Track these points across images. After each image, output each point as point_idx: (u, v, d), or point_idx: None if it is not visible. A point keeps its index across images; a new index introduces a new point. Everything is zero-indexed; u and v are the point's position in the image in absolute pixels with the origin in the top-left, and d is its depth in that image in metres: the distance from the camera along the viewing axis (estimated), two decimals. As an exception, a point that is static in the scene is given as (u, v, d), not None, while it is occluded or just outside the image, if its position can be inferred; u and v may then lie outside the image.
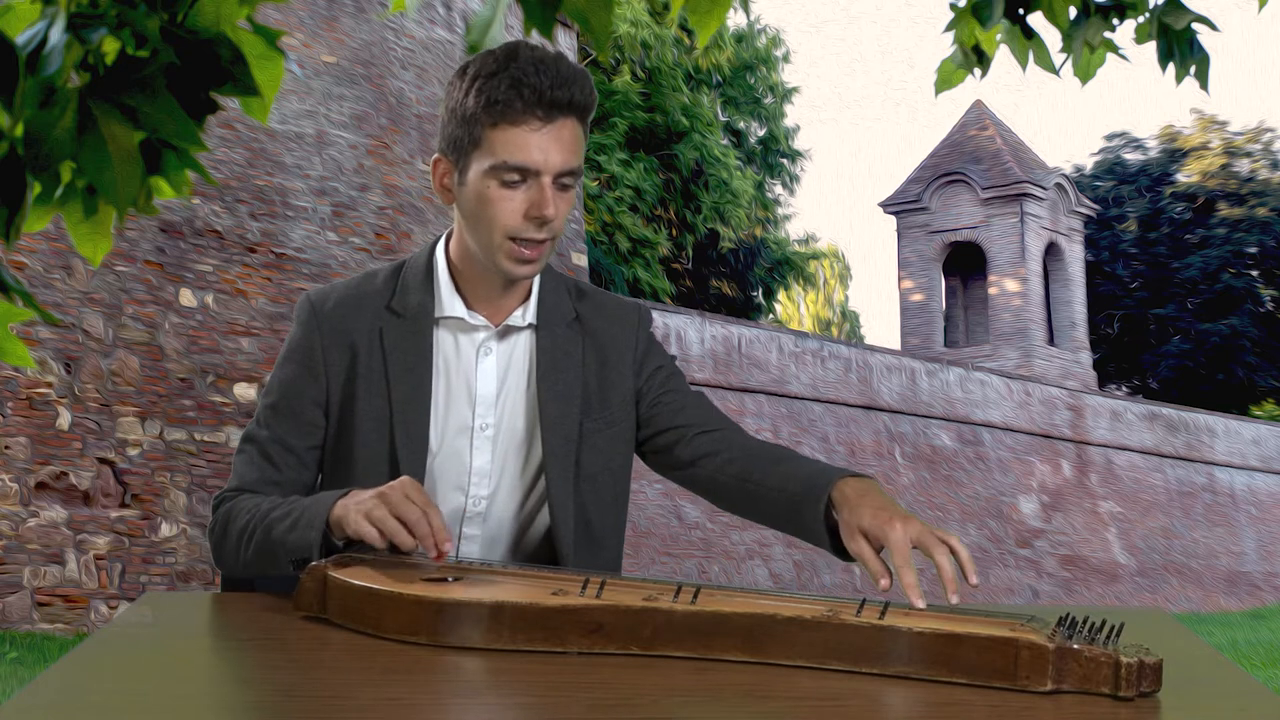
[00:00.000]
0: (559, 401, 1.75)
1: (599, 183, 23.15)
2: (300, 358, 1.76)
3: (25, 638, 9.05)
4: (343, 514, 1.52)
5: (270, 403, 1.76)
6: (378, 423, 1.72)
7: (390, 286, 1.77)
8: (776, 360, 17.40)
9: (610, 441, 1.79)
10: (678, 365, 1.90)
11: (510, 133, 1.60)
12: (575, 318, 1.80)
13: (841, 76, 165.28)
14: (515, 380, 1.77)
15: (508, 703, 1.12)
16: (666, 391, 1.83)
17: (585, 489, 1.76)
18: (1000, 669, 1.12)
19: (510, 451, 1.76)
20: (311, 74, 11.90)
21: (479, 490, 1.75)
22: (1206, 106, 38.64)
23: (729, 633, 1.21)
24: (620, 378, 1.80)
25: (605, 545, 1.80)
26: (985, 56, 2.69)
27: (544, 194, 1.61)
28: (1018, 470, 20.32)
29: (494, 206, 1.63)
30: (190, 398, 10.66)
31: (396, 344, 1.73)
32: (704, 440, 1.78)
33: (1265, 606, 22.12)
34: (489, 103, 1.60)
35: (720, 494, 1.77)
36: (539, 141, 1.60)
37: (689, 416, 1.81)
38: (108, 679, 1.15)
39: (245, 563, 1.67)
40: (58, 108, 1.29)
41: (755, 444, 1.77)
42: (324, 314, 1.76)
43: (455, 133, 1.64)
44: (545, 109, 1.59)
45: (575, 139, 1.63)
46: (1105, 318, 32.52)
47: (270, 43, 1.45)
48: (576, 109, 1.62)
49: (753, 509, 1.73)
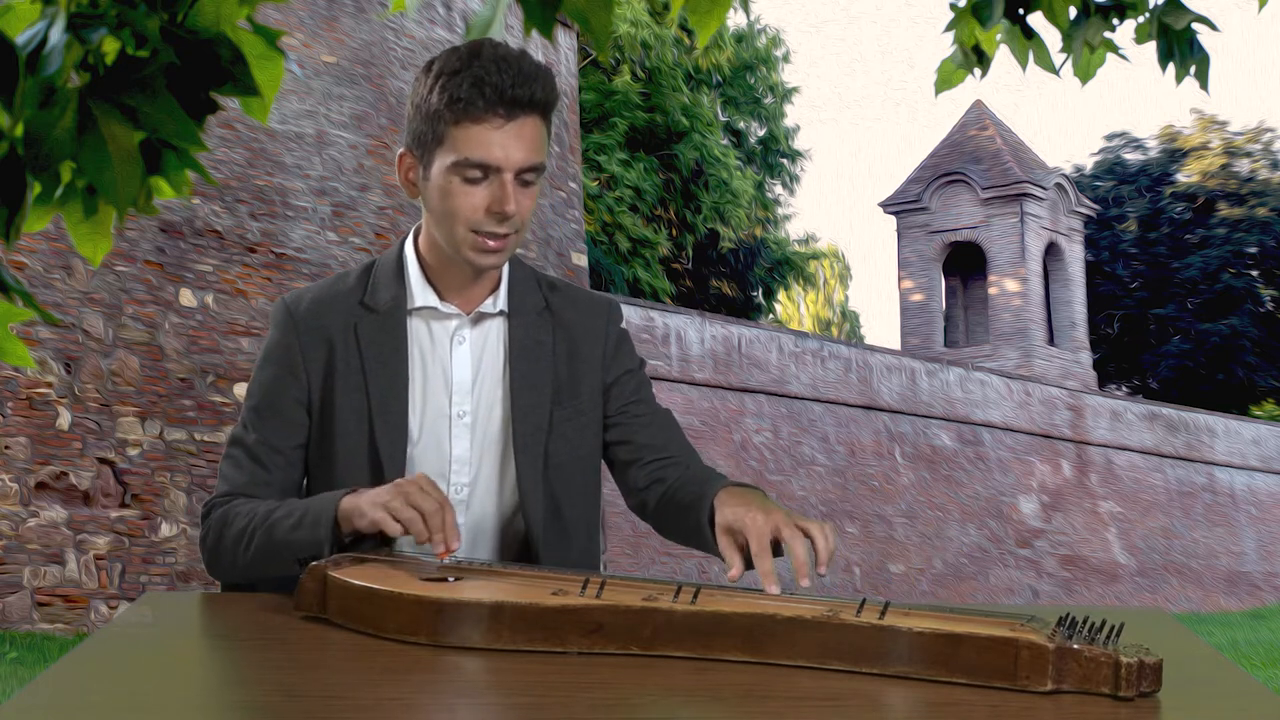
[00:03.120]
0: (530, 390, 1.78)
1: (599, 183, 23.14)
2: (279, 358, 1.78)
3: (25, 638, 9.05)
4: (352, 508, 1.54)
5: (253, 405, 1.78)
6: (357, 416, 1.74)
7: (362, 283, 1.80)
8: (776, 360, 17.40)
9: (579, 431, 1.80)
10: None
11: (472, 130, 1.63)
12: (545, 306, 1.82)
13: (841, 76, 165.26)
14: (490, 367, 1.79)
15: (508, 703, 1.12)
16: (635, 402, 1.85)
17: (554, 477, 1.78)
18: (1000, 669, 1.12)
19: (488, 439, 1.78)
20: (311, 74, 11.90)
21: (460, 478, 1.76)
22: (1206, 106, 38.66)
23: (729, 633, 1.21)
24: (590, 369, 1.82)
25: (576, 535, 1.81)
26: (985, 56, 2.69)
27: (505, 190, 1.64)
28: (1018, 470, 20.31)
29: (456, 201, 1.66)
30: (190, 398, 10.66)
31: (371, 338, 1.76)
32: (657, 467, 1.81)
33: (1265, 606, 22.13)
34: (451, 100, 1.63)
35: (655, 520, 1.81)
36: (500, 139, 1.63)
37: (651, 437, 1.84)
38: (108, 679, 1.15)
39: (245, 565, 1.67)
40: (58, 108, 1.29)
41: (695, 471, 1.79)
42: (299, 314, 1.78)
43: (420, 128, 1.68)
44: (507, 107, 1.62)
45: (537, 136, 1.66)
46: (1105, 318, 32.51)
47: (270, 43, 1.45)
48: (538, 106, 1.65)
49: (671, 531, 1.76)
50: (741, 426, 16.70)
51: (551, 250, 14.21)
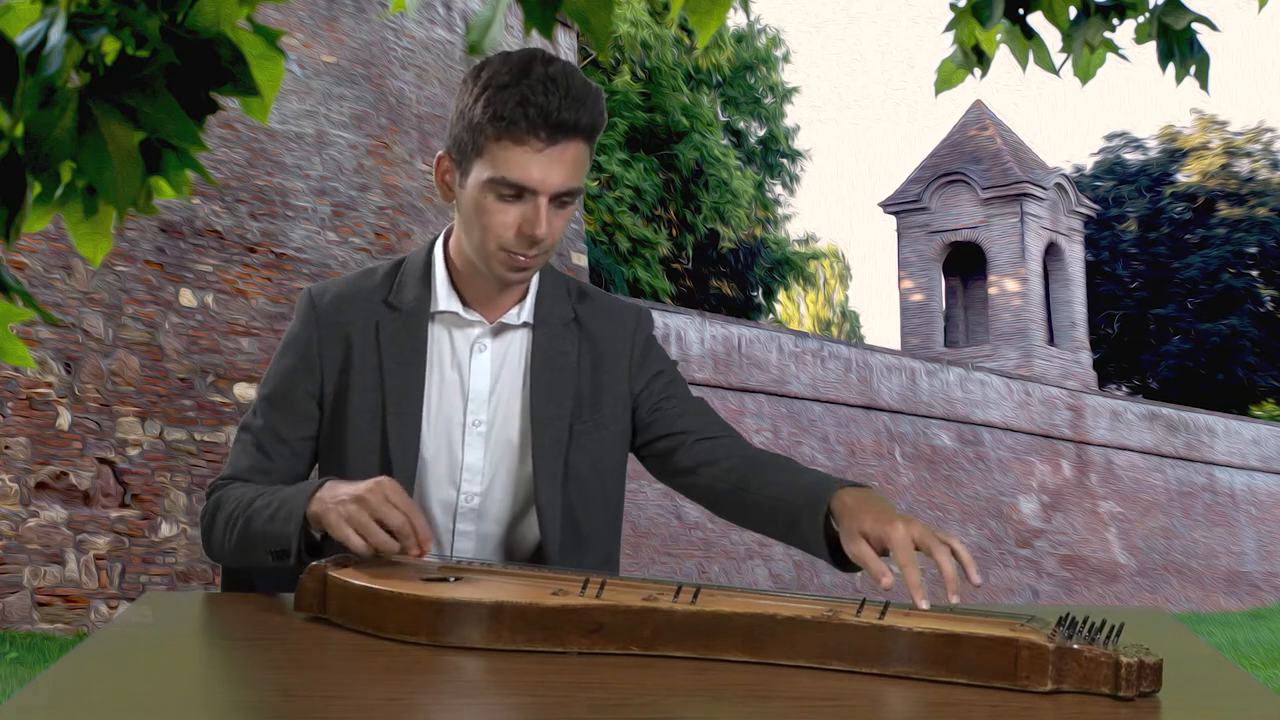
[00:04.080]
0: (550, 402, 1.75)
1: (599, 183, 23.14)
2: (297, 350, 1.77)
3: (25, 638, 9.05)
4: (321, 511, 1.52)
5: (266, 393, 1.78)
6: (371, 415, 1.73)
7: (389, 282, 1.78)
8: (776, 360, 17.40)
9: (600, 444, 1.78)
10: (679, 369, 1.90)
11: (512, 151, 1.60)
12: (574, 318, 1.80)
13: (841, 76, 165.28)
14: (510, 378, 1.77)
15: (508, 703, 1.12)
16: (667, 397, 1.82)
17: (573, 489, 1.76)
18: (1000, 669, 1.12)
19: (504, 450, 1.76)
20: (311, 74, 11.89)
21: (471, 487, 1.75)
22: (1206, 106, 38.64)
23: (729, 633, 1.21)
24: (615, 380, 1.80)
25: (593, 547, 1.79)
26: (985, 56, 2.69)
27: (538, 214, 1.61)
28: (1018, 470, 20.31)
29: (489, 218, 1.64)
30: (190, 398, 10.66)
31: (392, 338, 1.75)
32: (703, 447, 1.78)
33: (1265, 606, 22.12)
34: (495, 116, 1.59)
35: (718, 502, 1.77)
36: (540, 162, 1.60)
37: (689, 423, 1.80)
38: (108, 679, 1.15)
39: (230, 550, 1.67)
40: (58, 108, 1.29)
41: (755, 452, 1.76)
42: (322, 308, 1.77)
43: (461, 136, 1.65)
44: (550, 131, 1.59)
45: (578, 160, 1.63)
46: (1105, 318, 32.51)
47: (270, 43, 1.45)
48: (583, 131, 1.61)
49: (750, 518, 1.73)
50: (741, 426, 16.69)
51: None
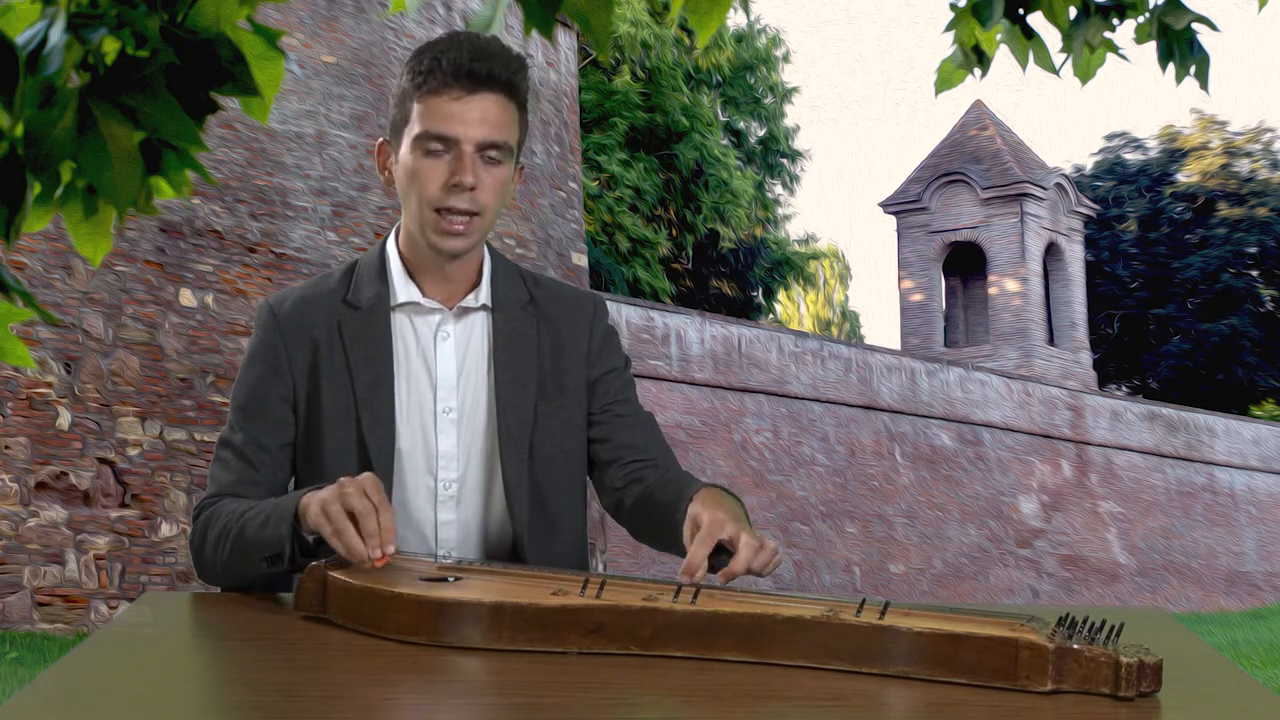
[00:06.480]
0: (515, 384, 1.77)
1: (599, 183, 23.14)
2: (264, 358, 1.78)
3: (25, 638, 9.05)
4: (305, 506, 1.52)
5: (239, 405, 1.78)
6: (344, 413, 1.74)
7: (345, 282, 1.80)
8: (776, 360, 17.40)
9: (564, 426, 1.80)
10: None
11: (432, 102, 1.67)
12: (530, 300, 1.82)
13: (841, 76, 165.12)
14: (475, 362, 1.79)
15: (507, 703, 1.12)
16: (619, 401, 1.84)
17: (540, 470, 1.78)
18: (1000, 669, 1.12)
19: (475, 434, 1.77)
20: (311, 74, 11.90)
21: (448, 474, 1.76)
22: (1206, 106, 38.65)
23: (729, 633, 1.21)
24: (574, 365, 1.82)
25: (562, 529, 1.80)
26: (985, 56, 2.69)
27: (463, 161, 1.66)
28: (1018, 470, 20.31)
29: (419, 177, 1.69)
30: (190, 398, 10.66)
31: (355, 335, 1.76)
32: (636, 468, 1.80)
33: (1265, 606, 22.11)
34: (413, 75, 1.68)
35: (629, 520, 1.79)
36: (459, 111, 1.66)
37: (632, 437, 1.83)
38: (108, 679, 1.15)
39: (224, 565, 1.66)
40: (58, 108, 1.29)
41: (674, 474, 1.77)
42: (283, 315, 1.79)
43: (394, 114, 1.73)
44: (466, 80, 1.66)
45: (501, 113, 1.68)
46: (1105, 318, 32.51)
47: (270, 43, 1.44)
48: (499, 83, 1.67)
49: (643, 530, 1.76)
50: (741, 426, 16.69)
51: (551, 250, 14.21)
